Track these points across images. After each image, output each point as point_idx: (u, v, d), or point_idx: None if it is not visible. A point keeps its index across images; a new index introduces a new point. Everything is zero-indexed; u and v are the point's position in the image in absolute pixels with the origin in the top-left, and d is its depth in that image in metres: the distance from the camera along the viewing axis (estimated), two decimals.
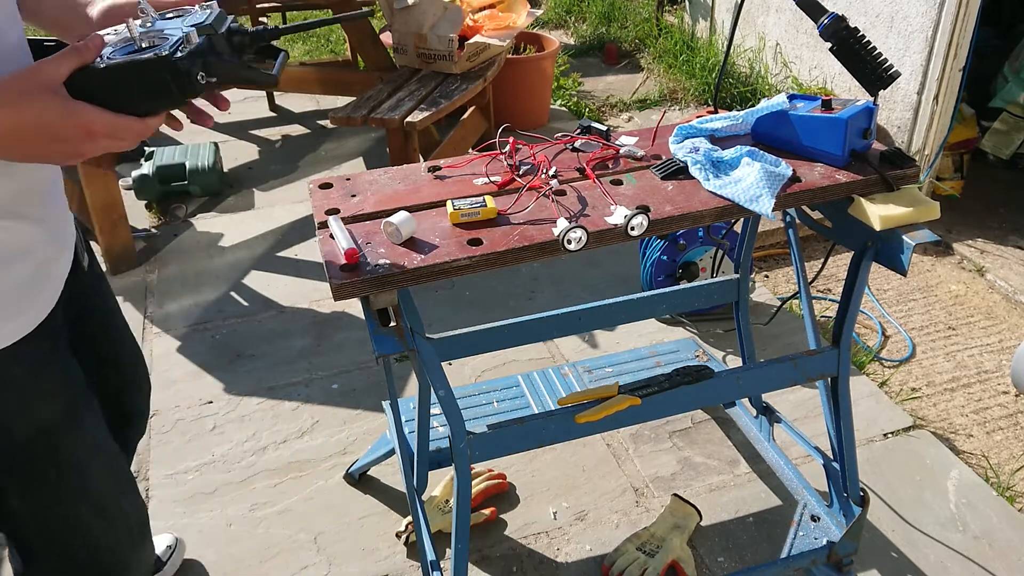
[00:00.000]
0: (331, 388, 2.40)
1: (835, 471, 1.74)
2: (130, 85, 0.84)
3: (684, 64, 4.52)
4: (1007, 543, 1.90)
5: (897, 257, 1.37)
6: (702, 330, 2.62)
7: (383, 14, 3.56)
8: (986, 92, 3.51)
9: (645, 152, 1.45)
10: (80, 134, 0.83)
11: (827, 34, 1.37)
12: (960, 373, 2.49)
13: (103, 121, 0.84)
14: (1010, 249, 3.06)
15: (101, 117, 0.83)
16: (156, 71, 0.83)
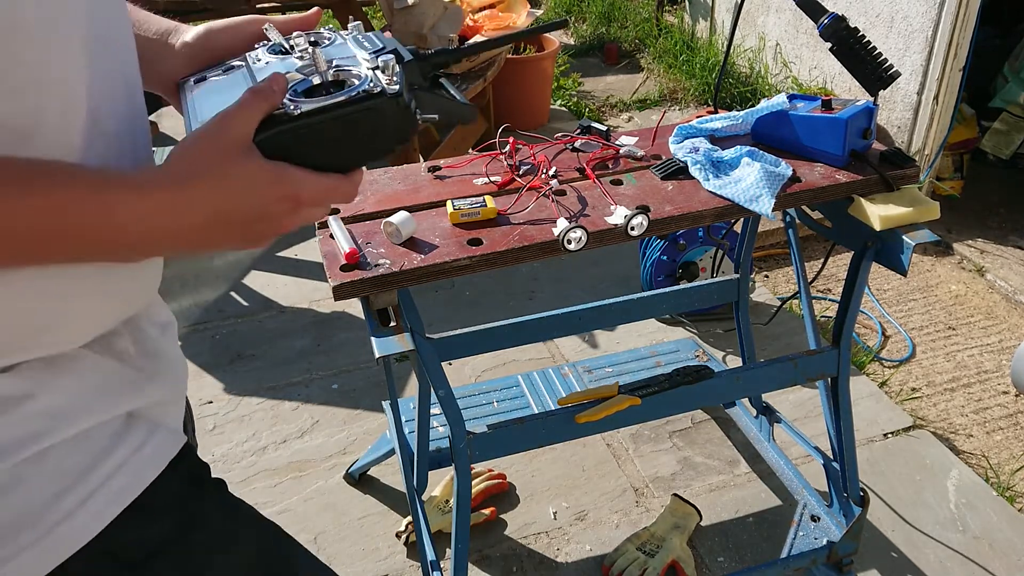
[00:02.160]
0: (331, 388, 2.40)
1: (835, 471, 1.74)
2: (336, 134, 0.65)
3: (684, 64, 4.52)
4: (1007, 543, 1.90)
5: (897, 257, 1.37)
6: (702, 330, 2.62)
7: (383, 14, 3.56)
8: (986, 92, 3.51)
9: (645, 152, 1.45)
10: (287, 207, 0.64)
11: (827, 34, 1.37)
12: (960, 373, 2.49)
13: (313, 187, 0.65)
14: (1010, 249, 3.06)
15: (310, 181, 0.65)
16: (377, 113, 0.66)
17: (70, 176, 0.56)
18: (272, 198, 0.63)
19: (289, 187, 0.63)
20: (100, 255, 0.60)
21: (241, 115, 0.63)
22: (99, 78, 0.62)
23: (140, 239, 0.59)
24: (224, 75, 0.76)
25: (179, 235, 0.61)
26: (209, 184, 0.60)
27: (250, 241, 0.65)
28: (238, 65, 0.77)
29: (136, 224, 0.58)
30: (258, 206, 0.63)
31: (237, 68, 0.77)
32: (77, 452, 0.66)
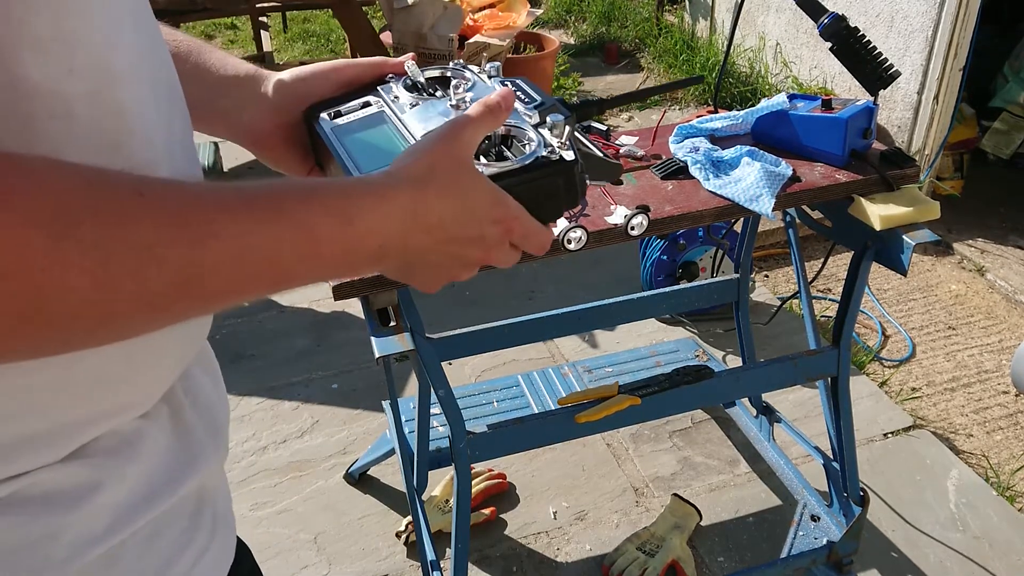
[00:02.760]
0: (331, 388, 2.40)
1: (835, 471, 1.74)
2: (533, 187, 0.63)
3: (684, 64, 4.52)
4: (1007, 543, 1.90)
5: (897, 257, 1.37)
6: (702, 330, 2.62)
7: (383, 14, 3.56)
8: (986, 92, 3.51)
9: (645, 152, 1.45)
10: (499, 233, 0.60)
11: (827, 34, 1.37)
12: (960, 373, 2.49)
13: (525, 220, 0.61)
14: (1010, 249, 3.06)
15: (523, 214, 0.61)
16: (555, 180, 0.63)
17: (310, 191, 0.52)
18: (490, 218, 0.59)
19: (506, 211, 0.60)
20: (333, 272, 0.56)
21: (472, 127, 0.60)
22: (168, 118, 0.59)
23: (376, 249, 0.55)
24: (363, 111, 0.71)
25: (408, 244, 0.56)
26: (446, 187, 0.57)
27: (457, 267, 0.61)
28: (374, 102, 0.71)
29: (376, 231, 0.54)
30: (478, 223, 0.59)
31: (374, 104, 0.71)
32: (149, 554, 0.60)
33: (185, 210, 0.46)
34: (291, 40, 5.57)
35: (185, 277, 0.46)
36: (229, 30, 5.91)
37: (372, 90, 0.73)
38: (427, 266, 0.60)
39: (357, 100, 0.71)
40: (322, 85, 0.75)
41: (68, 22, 0.45)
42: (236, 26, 5.92)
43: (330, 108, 0.71)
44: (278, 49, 5.30)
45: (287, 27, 5.69)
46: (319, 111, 0.71)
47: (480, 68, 0.75)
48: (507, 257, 0.64)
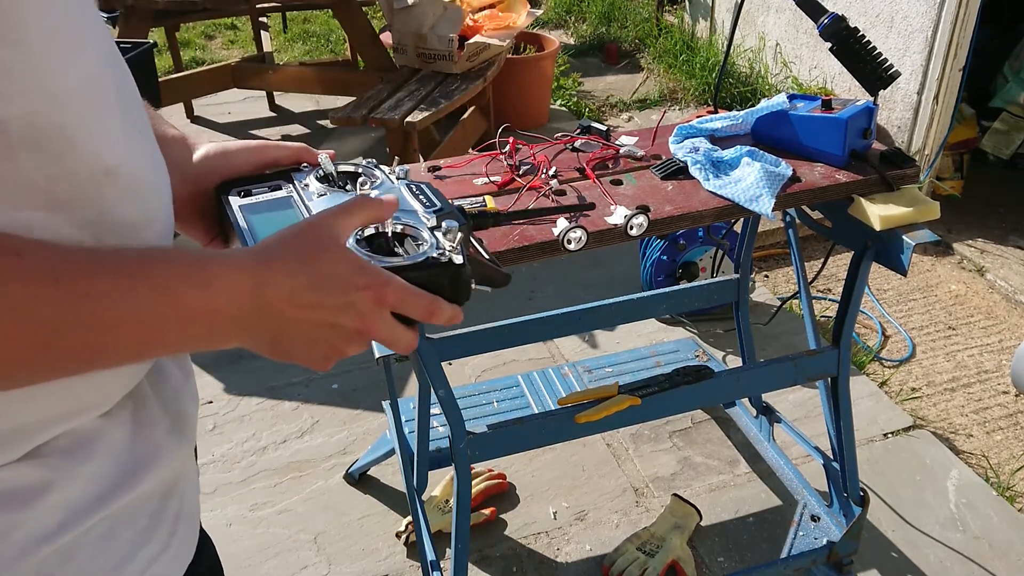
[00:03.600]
0: (331, 388, 2.40)
1: (835, 471, 1.74)
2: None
3: (684, 64, 4.52)
4: (1007, 543, 1.90)
5: (897, 257, 1.37)
6: (702, 330, 2.62)
7: (383, 14, 3.56)
8: (986, 92, 3.51)
9: (645, 152, 1.45)
10: (369, 298, 0.60)
11: (827, 34, 1.37)
12: (960, 373, 2.49)
13: (398, 284, 0.61)
14: (1010, 249, 3.06)
15: (395, 279, 0.61)
16: (440, 281, 0.66)
17: (174, 257, 0.55)
18: (353, 285, 0.59)
19: (372, 278, 0.60)
20: (201, 338, 0.57)
21: (344, 217, 0.62)
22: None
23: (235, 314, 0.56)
24: (271, 193, 0.74)
25: (265, 312, 0.57)
26: (294, 258, 0.58)
27: (336, 339, 0.61)
28: (284, 187, 0.75)
29: (229, 294, 0.55)
30: (340, 290, 0.58)
31: (284, 188, 0.75)
32: (104, 551, 0.61)
33: (59, 270, 0.49)
34: (291, 40, 5.57)
35: (53, 334, 0.48)
36: (229, 30, 5.92)
37: (286, 176, 0.77)
38: (298, 339, 0.60)
39: (269, 183, 0.75)
40: (242, 162, 0.78)
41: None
42: (236, 26, 5.92)
43: (241, 187, 0.75)
44: (278, 49, 5.31)
45: (287, 27, 5.69)
46: (231, 187, 0.75)
47: (391, 169, 0.80)
48: (391, 329, 0.62)
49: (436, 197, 0.73)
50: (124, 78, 0.62)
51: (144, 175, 0.62)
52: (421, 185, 0.76)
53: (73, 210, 0.55)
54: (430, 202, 0.72)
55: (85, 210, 0.56)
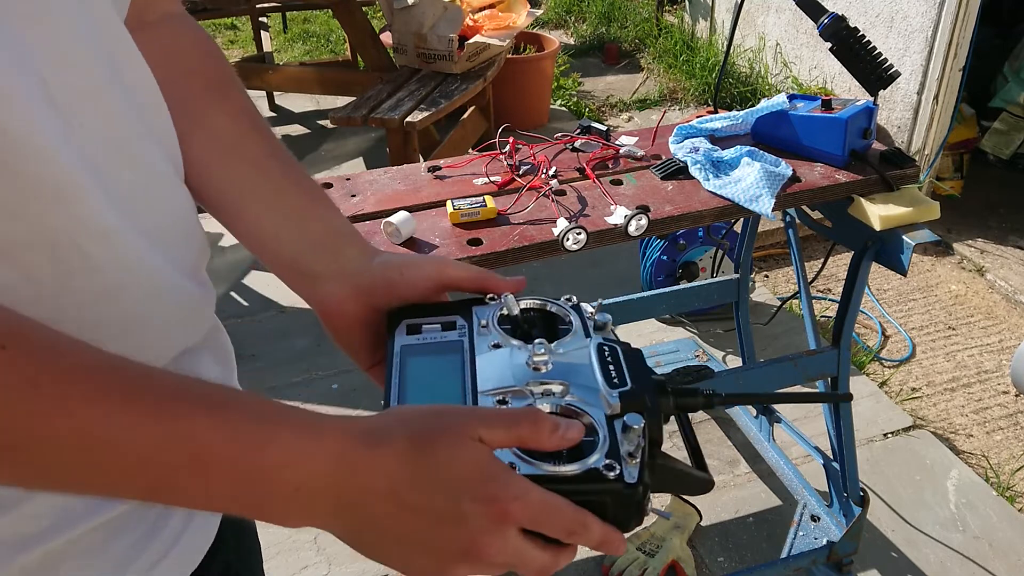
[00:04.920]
0: (331, 388, 2.40)
1: (835, 471, 1.74)
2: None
3: (684, 64, 4.52)
4: (1007, 543, 1.90)
5: (897, 257, 1.37)
6: (702, 330, 2.62)
7: (383, 14, 3.56)
8: (986, 92, 3.51)
9: (645, 152, 1.45)
10: (489, 514, 0.46)
11: (827, 34, 1.37)
12: (960, 373, 2.49)
13: (536, 499, 0.47)
14: (1010, 249, 3.06)
15: (534, 491, 0.47)
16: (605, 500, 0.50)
17: (223, 401, 0.45)
18: (473, 494, 0.46)
19: (502, 489, 0.46)
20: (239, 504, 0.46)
21: (486, 428, 0.47)
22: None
23: (293, 492, 0.45)
24: (442, 334, 0.60)
25: (346, 502, 0.46)
26: (405, 445, 0.46)
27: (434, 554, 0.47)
28: (460, 327, 0.61)
29: (292, 469, 0.45)
30: (452, 496, 0.45)
31: (458, 330, 0.60)
32: (95, 560, 0.54)
33: (43, 375, 0.40)
34: (291, 40, 5.57)
35: (11, 444, 0.40)
36: (229, 30, 5.92)
37: (466, 310, 0.62)
38: (390, 541, 0.47)
39: (442, 319, 0.62)
40: (421, 280, 0.64)
41: None
42: (236, 26, 5.92)
43: (415, 318, 0.62)
44: (278, 49, 5.31)
45: (287, 27, 5.69)
46: (402, 317, 0.62)
47: (590, 313, 0.64)
48: (515, 551, 0.47)
49: (630, 368, 0.57)
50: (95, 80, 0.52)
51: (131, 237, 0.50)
52: (616, 348, 0.59)
53: (17, 251, 0.45)
54: (620, 377, 0.55)
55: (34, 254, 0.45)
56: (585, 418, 0.52)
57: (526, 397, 0.53)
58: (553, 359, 0.56)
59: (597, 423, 0.52)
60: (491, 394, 0.53)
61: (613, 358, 0.58)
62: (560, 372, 0.55)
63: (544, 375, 0.55)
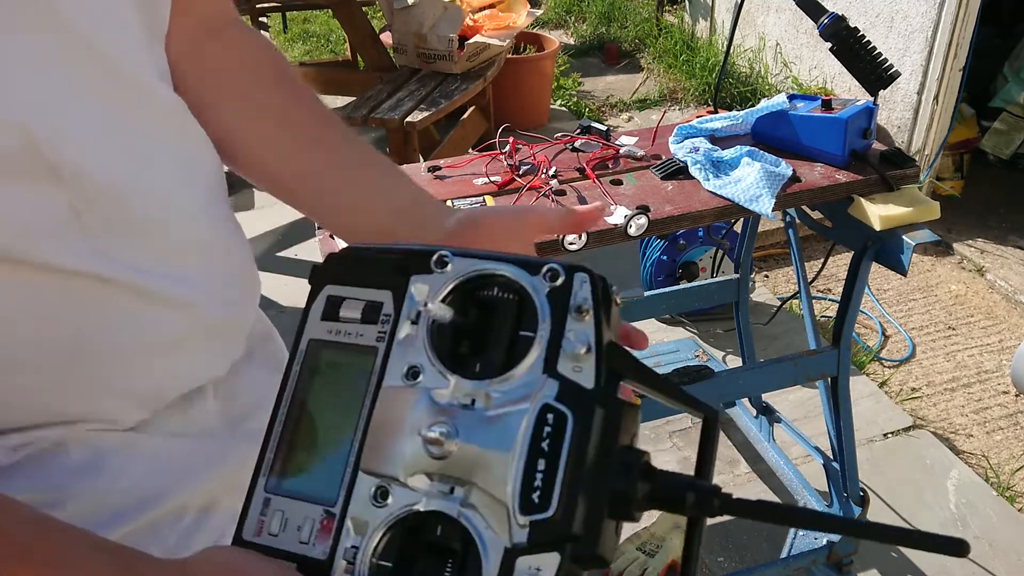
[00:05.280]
0: None
1: (835, 471, 1.74)
2: None
3: (684, 64, 4.52)
4: (1007, 543, 1.90)
5: (897, 257, 1.37)
6: (702, 330, 2.62)
7: (383, 14, 3.56)
8: (986, 92, 3.51)
9: (645, 152, 1.45)
10: None
11: (827, 34, 1.37)
12: (960, 373, 2.49)
13: None
14: (1010, 249, 3.06)
15: None
16: None
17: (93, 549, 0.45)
18: None
19: None
20: None
21: None
22: None
23: None
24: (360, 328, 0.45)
25: None
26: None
27: None
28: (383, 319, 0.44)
29: None
30: None
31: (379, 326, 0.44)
32: None
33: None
34: (291, 40, 5.58)
35: None
36: None
37: (403, 279, 0.44)
38: None
39: (370, 295, 0.45)
40: (501, 235, 0.61)
41: None
42: None
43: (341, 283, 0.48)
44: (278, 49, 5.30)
45: (287, 27, 5.69)
46: (330, 273, 0.49)
47: (582, 310, 0.40)
48: None
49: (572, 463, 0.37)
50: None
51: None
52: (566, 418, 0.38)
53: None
54: (545, 489, 0.37)
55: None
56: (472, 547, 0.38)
57: (413, 495, 0.39)
58: (464, 430, 0.39)
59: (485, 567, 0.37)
60: (373, 477, 0.40)
61: (552, 447, 0.37)
62: (463, 461, 0.38)
63: (442, 466, 0.39)
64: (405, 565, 0.39)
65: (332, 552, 0.40)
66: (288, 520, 0.42)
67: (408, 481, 0.39)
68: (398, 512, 0.39)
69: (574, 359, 0.39)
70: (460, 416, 0.39)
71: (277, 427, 0.44)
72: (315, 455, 0.43)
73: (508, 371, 0.40)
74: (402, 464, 0.39)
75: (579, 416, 0.38)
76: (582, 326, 0.39)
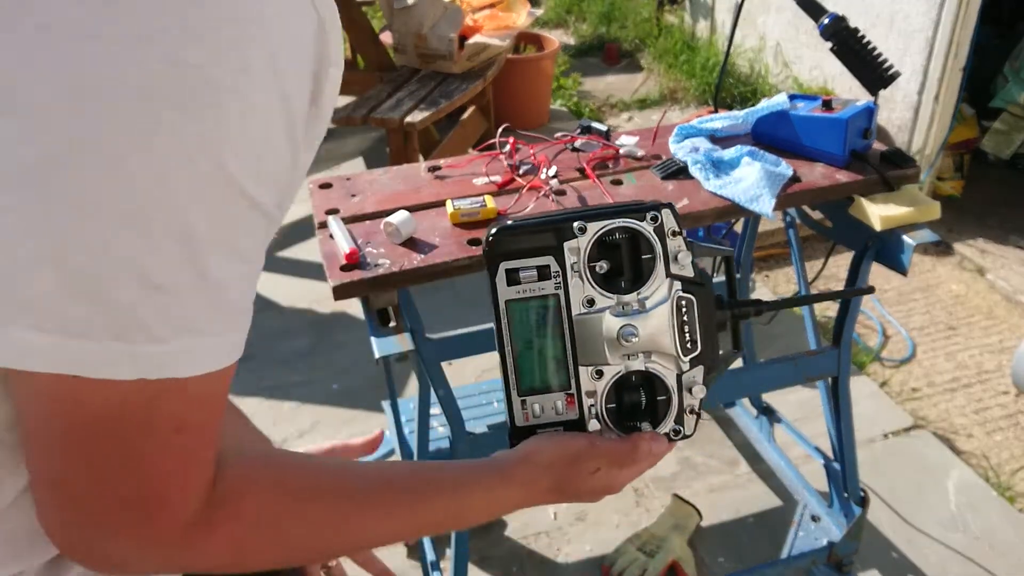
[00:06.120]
0: (331, 388, 2.40)
1: (835, 471, 1.74)
2: None
3: (684, 64, 4.52)
4: (1007, 543, 1.90)
5: (897, 257, 1.37)
6: None
7: (383, 14, 3.56)
8: (986, 92, 3.51)
9: (645, 152, 1.45)
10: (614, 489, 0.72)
11: (827, 34, 1.37)
12: (960, 373, 2.49)
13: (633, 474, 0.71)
14: (1010, 249, 3.06)
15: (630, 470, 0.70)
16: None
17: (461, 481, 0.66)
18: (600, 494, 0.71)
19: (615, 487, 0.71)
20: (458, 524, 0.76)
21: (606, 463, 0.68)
22: None
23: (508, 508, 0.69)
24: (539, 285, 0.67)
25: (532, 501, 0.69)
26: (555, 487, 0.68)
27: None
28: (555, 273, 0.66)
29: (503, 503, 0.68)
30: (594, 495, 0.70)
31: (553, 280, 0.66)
32: None
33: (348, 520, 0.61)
34: None
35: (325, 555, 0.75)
36: None
37: (557, 246, 0.66)
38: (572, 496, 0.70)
39: (538, 262, 0.66)
40: None
41: None
42: None
43: (510, 259, 0.66)
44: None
45: None
46: (499, 253, 0.67)
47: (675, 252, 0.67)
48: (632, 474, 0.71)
49: (701, 319, 0.67)
50: None
51: None
52: (692, 300, 0.67)
53: None
54: (692, 339, 0.67)
55: None
56: (659, 381, 0.67)
57: (616, 368, 0.66)
58: (638, 325, 0.65)
59: (670, 388, 0.67)
60: (589, 366, 0.66)
61: (689, 316, 0.67)
62: (643, 341, 0.66)
63: (631, 347, 0.66)
64: (622, 404, 0.68)
65: (580, 412, 0.67)
66: (543, 407, 0.67)
67: (611, 361, 0.66)
68: (610, 378, 0.66)
69: (678, 262, 0.66)
70: (632, 316, 0.66)
71: (508, 359, 0.67)
72: (544, 367, 0.67)
73: (645, 282, 0.66)
74: (607, 353, 0.66)
75: (696, 296, 0.67)
76: (676, 241, 0.66)
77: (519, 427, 0.67)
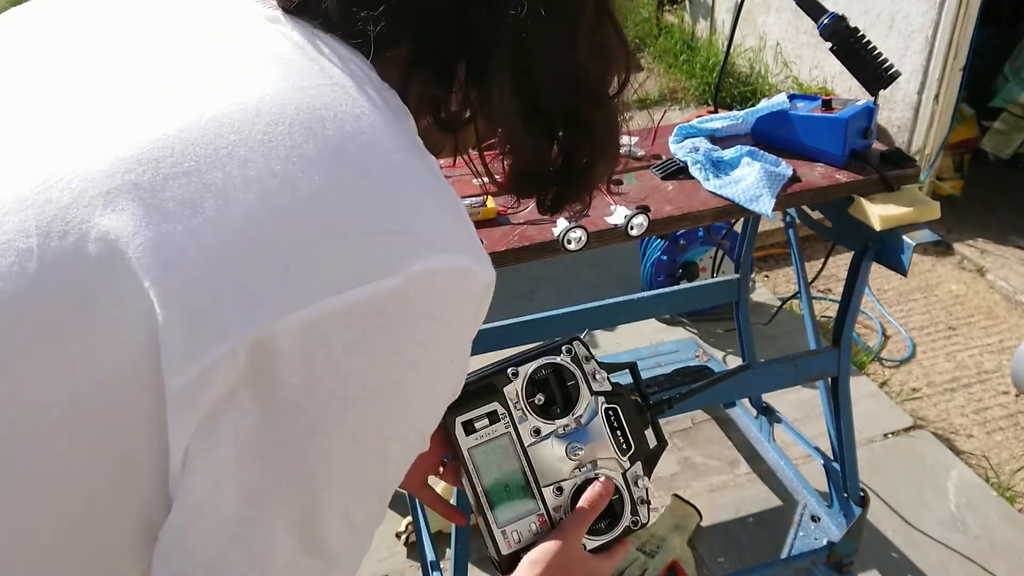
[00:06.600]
0: None
1: (835, 471, 1.74)
2: None
3: (684, 64, 4.52)
4: (1007, 543, 1.90)
5: (897, 257, 1.37)
6: (702, 330, 2.62)
7: None
8: (986, 92, 3.51)
9: (645, 152, 1.45)
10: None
11: (827, 34, 1.37)
12: (960, 373, 2.49)
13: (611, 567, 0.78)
14: (1010, 249, 3.06)
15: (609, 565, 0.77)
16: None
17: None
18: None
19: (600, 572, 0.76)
20: None
21: (581, 530, 0.74)
22: None
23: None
24: (492, 428, 0.75)
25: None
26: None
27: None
28: (502, 415, 0.75)
29: None
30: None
31: (502, 421, 0.75)
32: None
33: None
34: None
35: None
36: None
37: (497, 391, 0.75)
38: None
39: (486, 408, 0.75)
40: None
41: None
42: None
43: (461, 412, 0.75)
44: None
45: None
46: (455, 413, 0.75)
47: (590, 375, 0.78)
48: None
49: (628, 422, 0.78)
50: None
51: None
52: (617, 408, 0.78)
53: None
54: (625, 440, 0.78)
55: None
56: (608, 483, 0.76)
57: (572, 480, 0.75)
58: (579, 444, 0.76)
59: (620, 486, 0.77)
60: (550, 486, 0.75)
61: (617, 422, 0.78)
62: (587, 452, 0.76)
63: (578, 459, 0.76)
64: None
65: (552, 527, 0.75)
66: (520, 532, 0.75)
67: (566, 476, 0.76)
68: (570, 491, 0.76)
69: (596, 380, 0.78)
70: (573, 435, 0.76)
71: (483, 498, 0.74)
72: (511, 496, 0.75)
73: (576, 404, 0.77)
74: (561, 471, 0.76)
75: (619, 404, 0.78)
76: (590, 365, 0.78)
77: (506, 555, 0.74)
